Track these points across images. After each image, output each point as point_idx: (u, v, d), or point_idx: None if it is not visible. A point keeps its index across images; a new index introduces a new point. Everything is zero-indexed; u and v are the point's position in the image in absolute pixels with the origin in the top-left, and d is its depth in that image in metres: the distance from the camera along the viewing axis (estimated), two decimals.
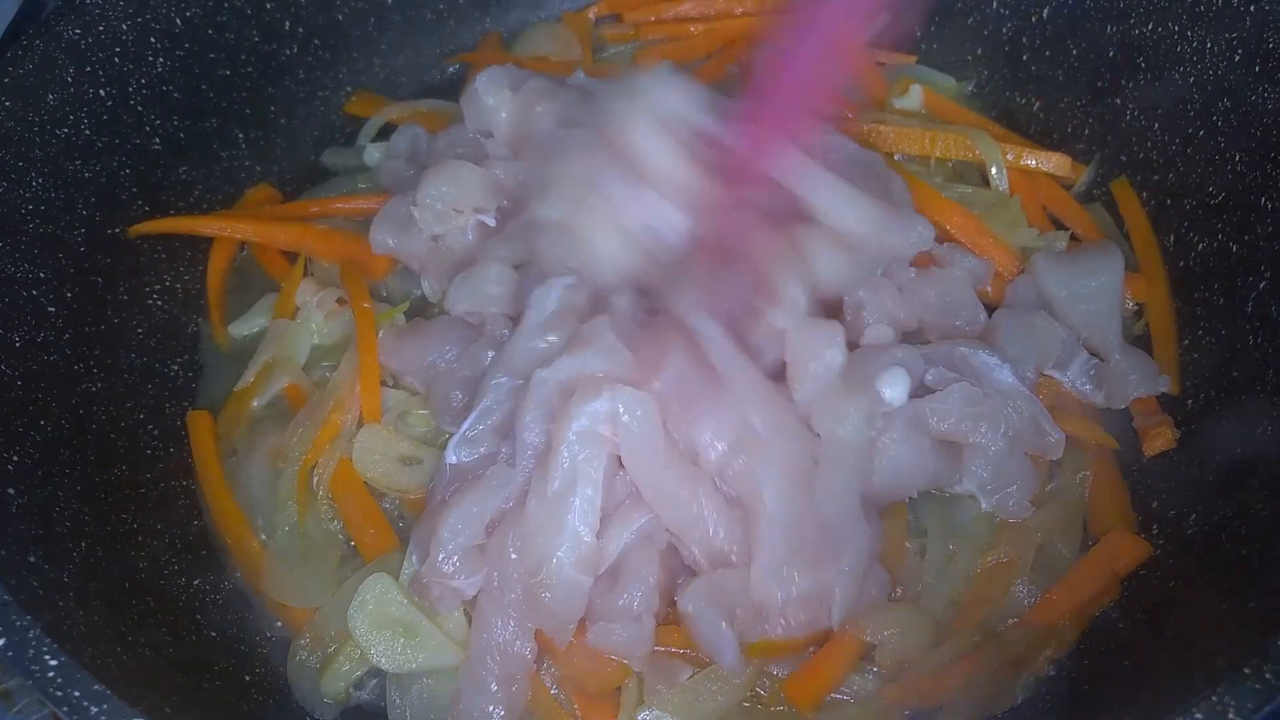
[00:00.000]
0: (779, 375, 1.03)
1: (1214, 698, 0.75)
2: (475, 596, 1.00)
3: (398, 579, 1.03)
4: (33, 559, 0.90)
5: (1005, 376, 1.07)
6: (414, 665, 1.00)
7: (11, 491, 0.95)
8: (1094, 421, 1.13)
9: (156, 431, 1.17)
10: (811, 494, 0.97)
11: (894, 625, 0.99)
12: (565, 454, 0.95)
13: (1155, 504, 1.09)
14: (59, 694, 0.78)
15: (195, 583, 1.07)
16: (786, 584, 0.95)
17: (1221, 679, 0.76)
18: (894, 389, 1.03)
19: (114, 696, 0.78)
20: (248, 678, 1.03)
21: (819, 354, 1.00)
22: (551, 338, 1.05)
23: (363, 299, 1.20)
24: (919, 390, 1.05)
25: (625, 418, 0.95)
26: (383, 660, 1.00)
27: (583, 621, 0.98)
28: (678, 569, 1.02)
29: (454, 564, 0.98)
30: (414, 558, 1.03)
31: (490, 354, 1.12)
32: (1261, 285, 1.09)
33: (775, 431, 0.98)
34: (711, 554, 0.98)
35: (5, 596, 0.82)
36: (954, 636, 1.01)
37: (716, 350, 0.99)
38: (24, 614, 0.81)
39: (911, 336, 1.14)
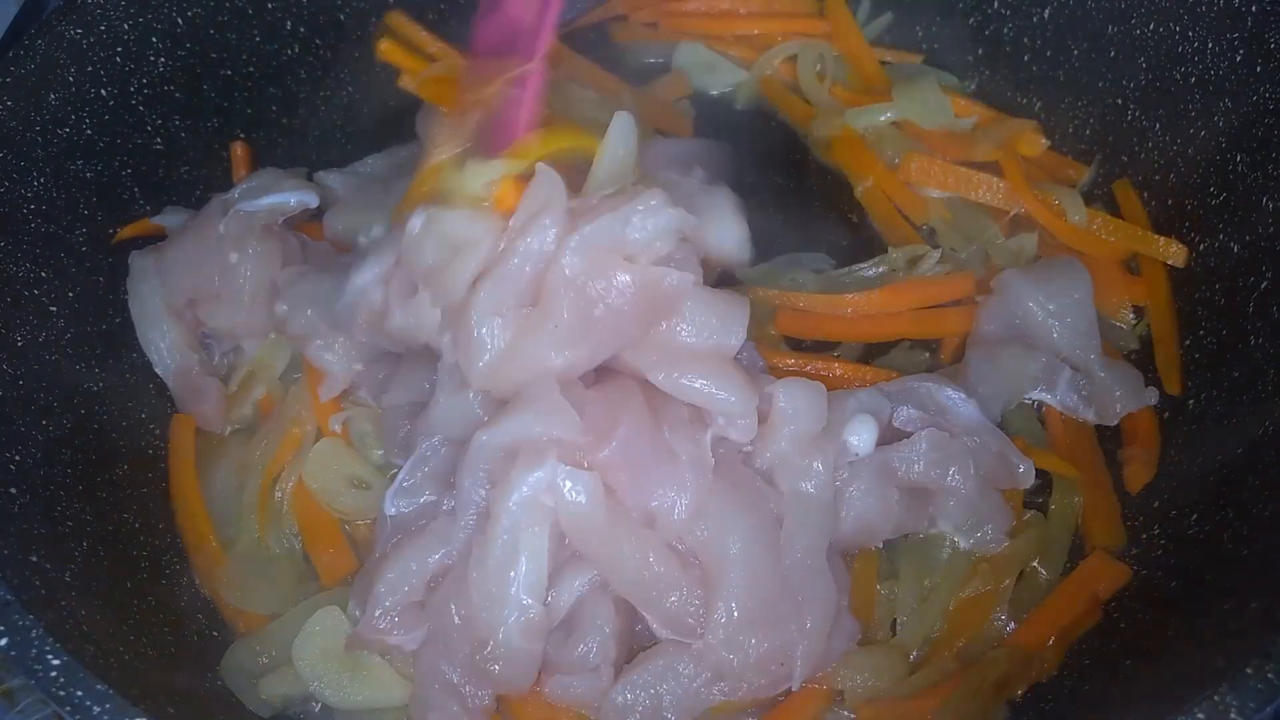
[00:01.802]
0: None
1: (1216, 697, 0.75)
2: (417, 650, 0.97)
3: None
4: (35, 558, 0.90)
5: (969, 412, 1.06)
6: (359, 701, 0.98)
7: (14, 491, 0.95)
8: (1088, 446, 1.13)
9: (158, 431, 1.16)
10: (774, 552, 0.95)
11: (863, 670, 0.98)
12: (506, 523, 0.91)
13: (1157, 504, 1.09)
14: (61, 693, 0.78)
15: (197, 582, 1.07)
16: (743, 649, 0.92)
17: (1223, 678, 0.76)
18: (861, 437, 1.00)
19: (116, 695, 0.78)
20: None
21: (807, 414, 0.98)
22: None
23: None
24: (886, 431, 1.02)
25: (568, 496, 0.91)
26: (327, 694, 0.98)
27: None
28: (634, 612, 0.98)
29: (392, 620, 0.95)
30: (354, 610, 0.99)
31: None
32: (1263, 285, 1.09)
33: (735, 493, 0.95)
34: (667, 619, 0.94)
35: (7, 596, 0.82)
36: (929, 666, 1.00)
37: (671, 414, 0.96)
38: (26, 613, 0.81)
39: None
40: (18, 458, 0.98)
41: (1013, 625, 1.02)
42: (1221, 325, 1.13)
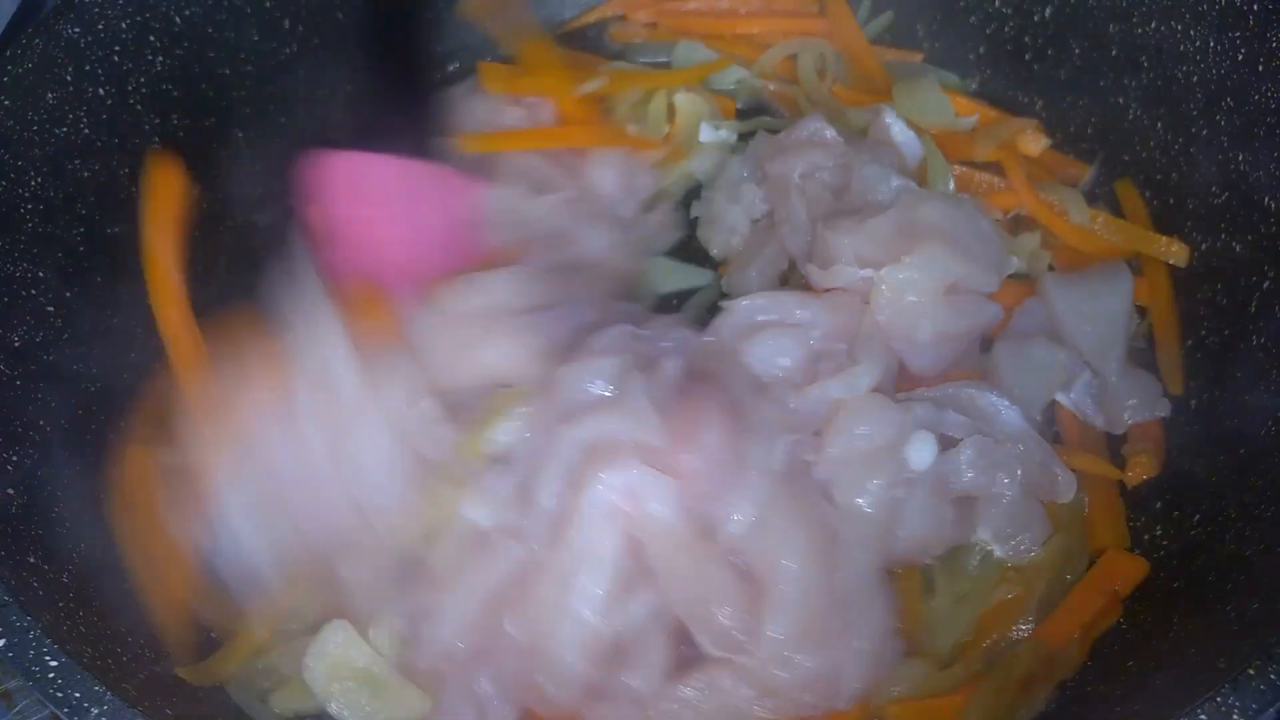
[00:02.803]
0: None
1: (1218, 698, 0.75)
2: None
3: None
4: (32, 559, 0.90)
5: (1014, 419, 1.05)
6: (380, 719, 0.95)
7: (11, 492, 0.95)
8: (1096, 446, 1.13)
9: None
10: (828, 568, 0.93)
11: (901, 683, 0.97)
12: (578, 528, 0.90)
13: (1159, 504, 1.09)
14: (59, 694, 0.78)
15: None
16: (793, 667, 0.90)
17: (1225, 679, 0.76)
18: (922, 455, 0.99)
19: (114, 697, 0.78)
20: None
21: (872, 429, 0.97)
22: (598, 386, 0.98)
23: None
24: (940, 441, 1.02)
25: (647, 502, 0.90)
26: (345, 713, 0.95)
27: None
28: (685, 643, 0.95)
29: (447, 644, 0.93)
30: (400, 628, 0.96)
31: None
32: (1265, 285, 1.09)
33: (795, 505, 0.94)
34: (717, 636, 0.92)
35: (5, 597, 0.82)
36: (955, 666, 0.99)
37: (751, 419, 0.95)
38: (24, 614, 0.81)
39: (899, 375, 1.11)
40: (15, 458, 0.98)
41: (1034, 624, 1.01)
42: (1224, 325, 1.13)
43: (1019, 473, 1.02)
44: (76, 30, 1.14)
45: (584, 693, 0.91)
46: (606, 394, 0.97)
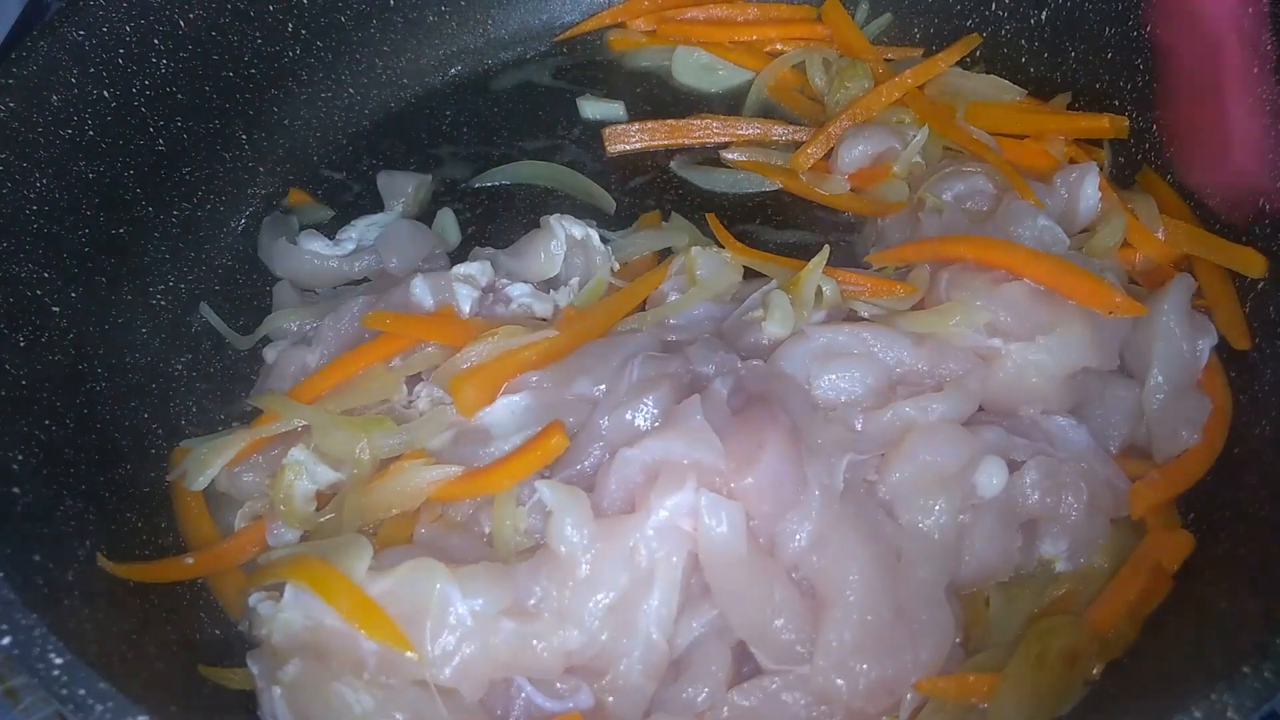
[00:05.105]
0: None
1: (1213, 696, 0.75)
2: None
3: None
4: (38, 558, 0.91)
5: (1081, 438, 1.03)
6: None
7: (16, 490, 0.95)
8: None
9: (160, 430, 1.17)
10: (890, 581, 0.92)
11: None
12: (644, 550, 0.90)
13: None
14: (64, 691, 0.78)
15: (199, 581, 1.08)
16: (854, 675, 0.90)
17: (1220, 677, 0.76)
18: (993, 481, 0.97)
19: (118, 694, 0.78)
20: None
21: (941, 456, 0.96)
22: (647, 404, 0.98)
23: None
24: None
25: (709, 522, 0.90)
26: None
27: None
28: (744, 658, 0.95)
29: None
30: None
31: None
32: (1260, 285, 1.10)
33: (856, 522, 0.94)
34: (778, 651, 0.91)
35: (10, 595, 0.82)
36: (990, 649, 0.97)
37: (810, 440, 0.95)
38: (29, 612, 0.81)
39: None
40: (21, 457, 0.98)
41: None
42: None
43: (1085, 492, 0.99)
44: (81, 33, 1.15)
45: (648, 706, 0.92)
46: (653, 419, 0.98)
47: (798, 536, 0.93)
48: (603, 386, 1.04)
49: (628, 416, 0.99)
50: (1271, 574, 0.90)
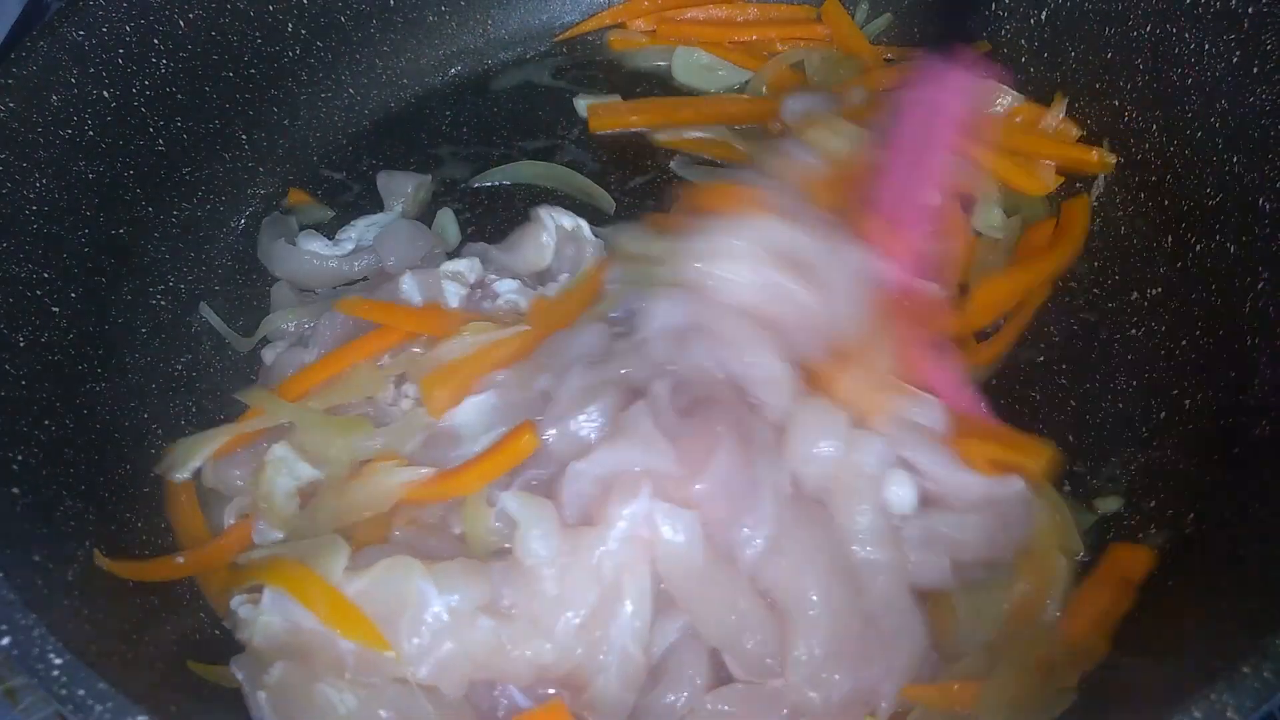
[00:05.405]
0: None
1: (1213, 696, 0.75)
2: None
3: None
4: (37, 558, 0.91)
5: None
6: None
7: (16, 491, 0.95)
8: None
9: (160, 430, 1.17)
10: (853, 589, 0.91)
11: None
12: (609, 563, 0.89)
13: (1153, 503, 1.09)
14: (64, 692, 0.78)
15: (199, 580, 1.08)
16: (827, 687, 0.88)
17: (1220, 677, 0.76)
18: (901, 495, 0.96)
19: (118, 694, 0.78)
20: None
21: (816, 442, 0.95)
22: (591, 414, 0.97)
23: None
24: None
25: (665, 532, 0.89)
26: None
27: None
28: (722, 661, 0.94)
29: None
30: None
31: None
32: (1259, 286, 1.10)
33: (808, 526, 0.93)
34: (747, 662, 0.91)
35: (10, 595, 0.82)
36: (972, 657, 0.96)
37: (758, 439, 0.94)
38: (28, 613, 0.81)
39: None
40: (20, 458, 0.98)
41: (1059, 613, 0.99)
42: (1218, 326, 1.14)
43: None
44: (81, 33, 1.15)
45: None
46: (598, 428, 0.96)
47: (755, 541, 0.92)
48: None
49: (572, 428, 0.97)
50: (1271, 574, 0.90)
